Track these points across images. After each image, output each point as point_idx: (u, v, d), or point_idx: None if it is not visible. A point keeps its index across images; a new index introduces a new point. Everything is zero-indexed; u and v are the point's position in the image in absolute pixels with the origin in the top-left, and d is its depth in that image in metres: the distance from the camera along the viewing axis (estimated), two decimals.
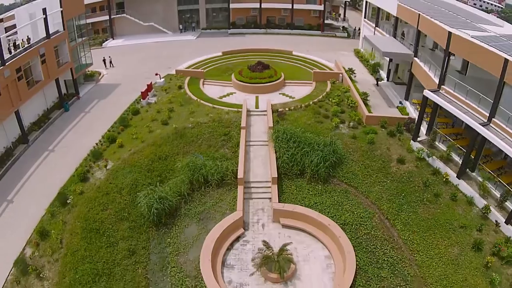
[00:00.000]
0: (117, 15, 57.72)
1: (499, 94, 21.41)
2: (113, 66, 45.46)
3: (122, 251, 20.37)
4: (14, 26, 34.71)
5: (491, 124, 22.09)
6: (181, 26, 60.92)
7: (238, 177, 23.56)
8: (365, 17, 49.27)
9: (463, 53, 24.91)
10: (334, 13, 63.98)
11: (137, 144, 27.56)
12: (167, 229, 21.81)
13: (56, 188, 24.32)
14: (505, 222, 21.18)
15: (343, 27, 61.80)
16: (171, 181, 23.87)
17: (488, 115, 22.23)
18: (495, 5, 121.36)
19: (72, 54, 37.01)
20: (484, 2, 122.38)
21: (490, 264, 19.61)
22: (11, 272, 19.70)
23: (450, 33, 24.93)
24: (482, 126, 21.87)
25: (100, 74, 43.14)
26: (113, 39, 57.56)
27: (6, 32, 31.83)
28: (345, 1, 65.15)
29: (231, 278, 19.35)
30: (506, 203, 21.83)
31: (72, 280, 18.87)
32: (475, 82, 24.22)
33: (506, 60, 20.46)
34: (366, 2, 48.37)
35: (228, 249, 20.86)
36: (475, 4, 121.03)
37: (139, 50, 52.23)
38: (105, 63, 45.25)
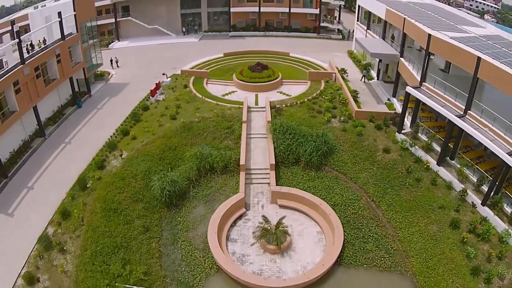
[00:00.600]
0: (123, 18, 59.36)
1: (473, 88, 23.65)
2: (118, 67, 47.22)
3: (138, 228, 22.59)
4: (25, 26, 36.49)
5: (466, 116, 24.28)
6: (184, 29, 62.48)
7: (240, 163, 25.96)
8: (358, 20, 51.05)
9: (441, 52, 27.13)
10: (329, 16, 65.57)
11: (148, 136, 29.76)
12: (177, 209, 24.18)
13: (74, 176, 26.13)
14: (481, 203, 23.07)
15: (338, 29, 63.41)
16: (180, 168, 26.21)
17: (464, 108, 24.42)
18: (491, 6, 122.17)
19: (84, 55, 38.96)
20: (480, 3, 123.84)
21: (466, 239, 21.25)
22: (35, 248, 21.42)
23: (429, 35, 27.15)
24: (458, 117, 24.04)
25: (109, 74, 45.06)
26: (119, 41, 59.04)
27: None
28: (340, 5, 66.88)
29: (234, 250, 21.80)
30: (482, 187, 23.77)
31: (93, 252, 20.83)
32: (456, 80, 26.31)
33: (479, 58, 22.72)
34: (359, 6, 50.10)
35: (232, 226, 23.27)
36: (471, 5, 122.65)
37: (144, 51, 53.63)
38: (112, 63, 47.18)
